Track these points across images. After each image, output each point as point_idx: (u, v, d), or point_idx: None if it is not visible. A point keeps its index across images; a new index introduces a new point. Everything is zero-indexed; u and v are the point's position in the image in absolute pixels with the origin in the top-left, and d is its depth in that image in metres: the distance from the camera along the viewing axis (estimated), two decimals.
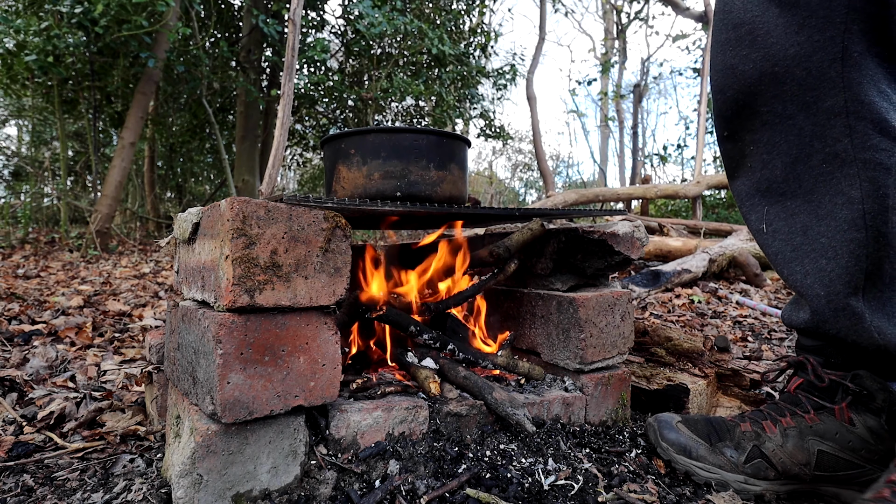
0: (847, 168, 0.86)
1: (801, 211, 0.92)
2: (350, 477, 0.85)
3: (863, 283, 0.87)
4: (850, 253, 0.86)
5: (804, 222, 0.91)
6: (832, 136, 0.86)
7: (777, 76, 0.88)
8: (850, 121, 0.84)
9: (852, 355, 0.91)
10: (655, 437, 1.01)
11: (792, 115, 0.89)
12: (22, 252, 5.03)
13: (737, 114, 0.96)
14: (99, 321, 2.25)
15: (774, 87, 0.89)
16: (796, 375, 0.98)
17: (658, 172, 16.02)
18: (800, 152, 0.90)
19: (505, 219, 1.27)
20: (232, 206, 0.74)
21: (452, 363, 1.08)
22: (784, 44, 0.86)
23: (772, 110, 0.91)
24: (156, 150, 8.83)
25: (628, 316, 1.17)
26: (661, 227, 4.96)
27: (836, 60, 0.83)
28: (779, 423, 0.94)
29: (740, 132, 0.97)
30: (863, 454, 0.88)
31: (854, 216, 0.86)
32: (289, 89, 1.80)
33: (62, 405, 1.23)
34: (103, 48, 5.74)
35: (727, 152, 1.02)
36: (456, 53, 7.02)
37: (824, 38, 0.83)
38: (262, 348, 0.78)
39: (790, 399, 0.97)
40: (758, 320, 2.56)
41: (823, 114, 0.86)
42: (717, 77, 0.97)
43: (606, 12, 15.38)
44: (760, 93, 0.91)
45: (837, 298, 0.88)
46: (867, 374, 0.88)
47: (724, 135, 1.01)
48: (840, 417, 0.90)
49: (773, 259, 0.97)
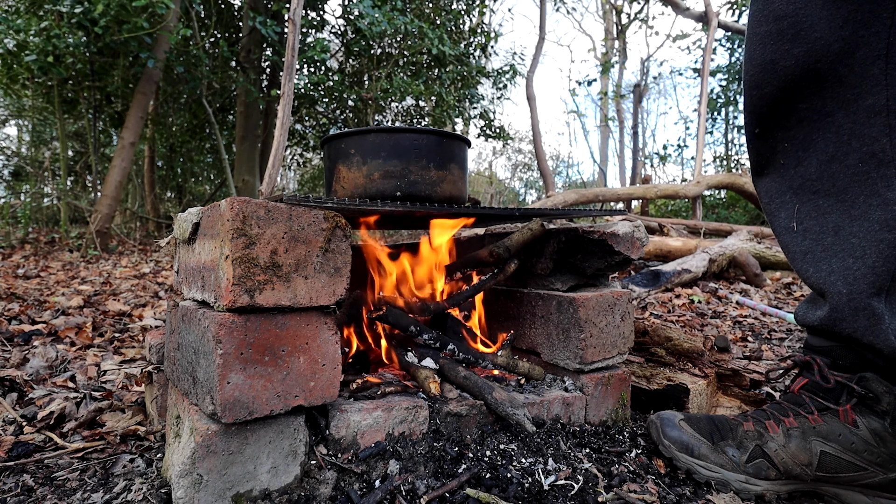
0: (884, 169, 0.84)
1: (833, 210, 0.90)
2: (350, 477, 0.85)
3: (888, 285, 0.86)
4: (879, 253, 0.85)
5: (836, 222, 0.89)
6: (871, 136, 0.84)
7: (819, 73, 0.85)
8: (890, 120, 0.82)
9: (862, 357, 0.90)
10: (658, 434, 1.01)
11: (831, 113, 0.87)
12: (22, 252, 5.03)
13: (773, 111, 0.93)
14: (99, 321, 2.25)
15: (815, 84, 0.87)
16: (801, 376, 0.98)
17: (658, 172, 16.04)
18: (836, 150, 0.88)
19: (505, 219, 1.27)
20: (232, 206, 0.74)
21: (452, 363, 1.08)
22: (828, 39, 0.83)
23: (811, 107, 0.88)
24: (156, 150, 8.83)
25: (628, 316, 1.17)
26: (661, 227, 4.96)
27: (880, 57, 0.81)
28: (782, 423, 0.94)
29: (774, 129, 0.95)
30: (865, 456, 0.88)
31: (888, 217, 0.84)
32: (289, 89, 1.80)
33: (62, 405, 1.23)
34: (103, 48, 5.74)
35: (756, 149, 0.99)
36: (456, 53, 7.02)
37: (869, 34, 0.81)
38: (262, 348, 0.78)
39: (794, 399, 0.96)
40: (758, 320, 2.56)
41: (864, 112, 0.84)
42: (755, 72, 0.93)
43: (606, 12, 15.38)
44: (801, 90, 0.88)
45: (860, 297, 0.87)
46: (874, 376, 0.88)
47: (756, 132, 0.97)
48: (844, 419, 0.89)
49: (799, 258, 0.95)
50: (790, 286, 3.64)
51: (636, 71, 21.65)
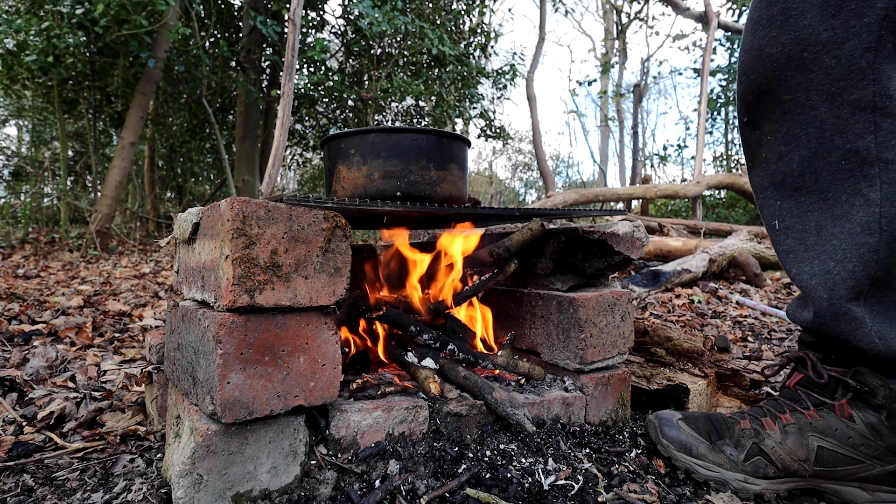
0: (867, 168, 0.82)
1: (815, 209, 0.88)
2: (350, 477, 0.85)
3: (866, 289, 0.85)
4: (860, 258, 0.84)
5: (818, 221, 0.88)
6: (855, 132, 0.82)
7: (805, 62, 0.83)
8: (875, 117, 0.80)
9: (852, 355, 0.90)
10: (656, 434, 1.01)
11: (815, 106, 0.85)
12: (22, 252, 5.03)
13: (758, 99, 0.91)
14: (99, 321, 2.25)
15: (800, 74, 0.84)
16: (796, 371, 0.97)
17: (658, 172, 16.03)
18: (819, 146, 0.86)
19: (505, 219, 1.27)
20: (232, 206, 0.74)
21: (452, 363, 1.08)
22: (817, 27, 0.81)
23: (794, 99, 0.86)
24: (156, 150, 8.82)
25: (628, 316, 1.17)
26: (661, 227, 4.96)
27: (868, 50, 0.78)
28: (778, 419, 0.94)
29: (760, 120, 0.93)
30: (862, 450, 0.88)
31: (869, 219, 0.82)
32: (289, 89, 1.80)
33: (62, 405, 1.23)
34: (103, 48, 5.74)
35: (746, 140, 0.98)
36: (456, 53, 7.01)
37: (861, 24, 0.78)
38: (262, 348, 0.78)
39: (790, 395, 0.96)
40: (758, 320, 2.56)
41: (848, 107, 0.82)
42: (744, 58, 0.92)
43: (606, 12, 15.38)
44: (785, 79, 0.86)
45: (839, 303, 0.86)
46: (868, 370, 0.88)
47: (745, 121, 0.96)
48: (840, 414, 0.89)
49: (783, 257, 0.95)
50: (790, 286, 3.64)
51: (636, 71, 21.67)
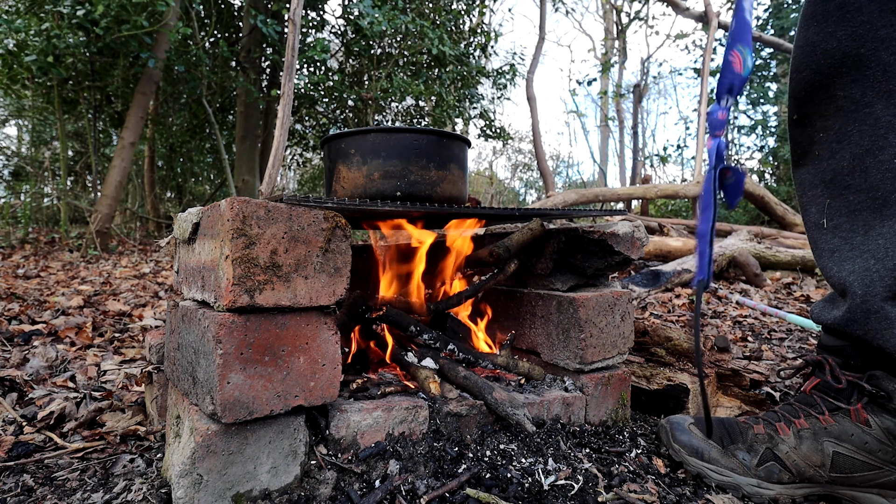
0: None
1: (864, 208, 0.87)
2: (350, 477, 0.85)
3: None
4: None
5: (867, 220, 0.87)
6: None
7: (861, 58, 0.82)
8: None
9: (873, 358, 0.88)
10: (668, 438, 0.99)
11: (870, 104, 0.83)
12: (22, 252, 5.03)
13: (810, 96, 0.90)
14: (99, 321, 2.25)
15: (856, 71, 0.83)
16: (813, 375, 0.96)
17: (658, 172, 16.03)
18: (871, 144, 0.84)
19: (505, 219, 1.27)
20: (232, 206, 0.74)
21: (452, 363, 1.08)
22: (876, 23, 0.80)
23: (849, 96, 0.85)
24: (156, 150, 8.82)
25: (628, 316, 1.17)
26: (661, 227, 4.96)
27: None
28: (792, 424, 0.92)
29: (812, 117, 0.92)
30: (880, 455, 0.86)
31: None
32: (289, 89, 1.80)
33: (62, 405, 1.23)
34: (103, 48, 5.73)
35: (795, 138, 0.96)
36: (456, 53, 7.01)
37: None
38: (262, 348, 0.78)
39: (805, 400, 0.94)
40: (758, 320, 2.56)
41: None
42: (797, 54, 0.90)
43: (606, 12, 15.39)
44: (840, 75, 0.85)
45: (873, 300, 0.85)
46: (884, 374, 0.86)
47: (795, 118, 0.95)
48: (856, 419, 0.88)
49: (826, 255, 0.93)
50: (790, 286, 3.64)
51: (636, 71, 21.66)
